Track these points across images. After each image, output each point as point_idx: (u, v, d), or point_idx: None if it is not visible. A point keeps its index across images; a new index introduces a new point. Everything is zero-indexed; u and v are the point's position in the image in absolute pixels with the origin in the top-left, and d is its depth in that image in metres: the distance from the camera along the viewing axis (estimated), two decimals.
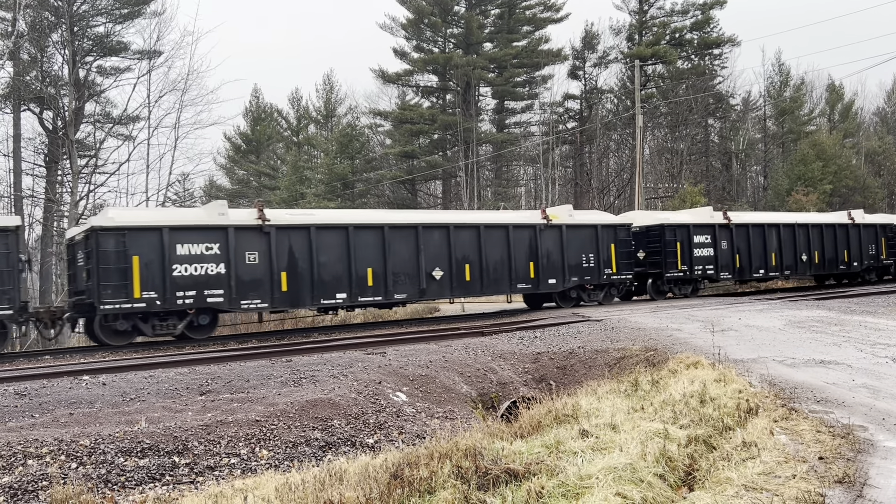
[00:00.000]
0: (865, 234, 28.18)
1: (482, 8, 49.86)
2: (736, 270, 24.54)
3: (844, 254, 27.41)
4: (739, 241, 24.65)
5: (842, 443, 5.86)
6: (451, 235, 18.92)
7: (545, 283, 20.51)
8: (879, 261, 28.57)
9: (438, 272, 18.59)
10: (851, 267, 27.68)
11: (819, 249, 26.67)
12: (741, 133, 51.79)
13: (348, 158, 47.13)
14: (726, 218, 24.39)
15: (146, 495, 6.03)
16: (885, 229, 29.05)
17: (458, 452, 5.59)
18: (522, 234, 20.28)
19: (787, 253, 25.73)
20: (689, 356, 9.95)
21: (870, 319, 14.58)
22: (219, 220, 16.13)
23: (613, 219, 23.14)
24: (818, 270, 27.04)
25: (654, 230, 23.24)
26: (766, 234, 25.23)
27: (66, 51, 32.36)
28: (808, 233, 26.45)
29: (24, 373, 11.09)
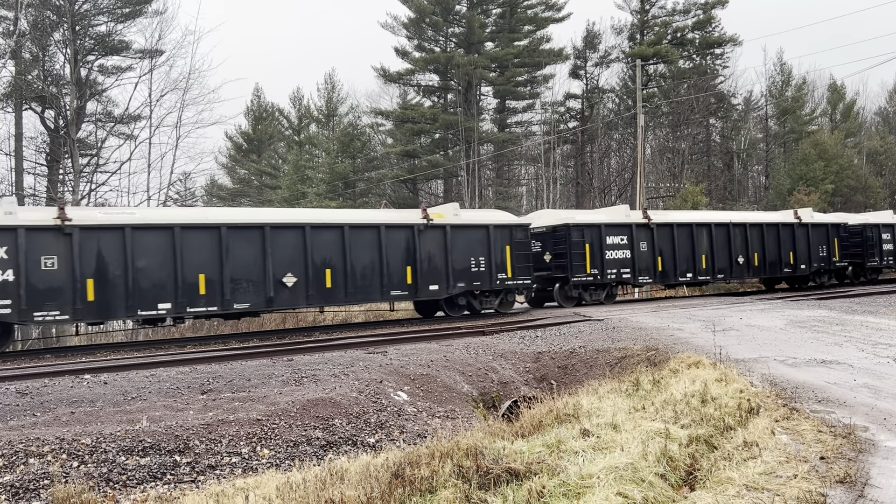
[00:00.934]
0: (815, 234, 26.61)
1: (483, 7, 49.84)
2: (658, 274, 22.76)
3: (790, 255, 25.90)
4: (662, 242, 22.95)
5: (843, 443, 5.86)
6: (307, 237, 16.88)
7: (425, 289, 18.49)
8: (832, 263, 26.94)
9: (291, 278, 16.59)
10: (798, 270, 26.13)
11: (759, 251, 25.15)
12: (743, 133, 51.76)
13: (350, 158, 47.13)
14: (646, 217, 22.80)
15: (147, 494, 6.04)
16: (839, 229, 27.51)
17: (460, 452, 5.59)
18: (397, 236, 18.24)
19: (720, 255, 24.07)
20: (690, 356, 9.96)
21: (871, 319, 14.57)
22: (5, 221, 14.12)
23: (509, 219, 21.01)
24: (759, 274, 25.53)
25: (560, 230, 21.46)
26: (695, 234, 23.55)
27: (67, 50, 32.38)
28: (746, 233, 24.82)
29: (25, 371, 11.10)
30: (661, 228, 22.99)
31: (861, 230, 28.37)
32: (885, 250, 29.20)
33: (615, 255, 22.08)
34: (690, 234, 23.61)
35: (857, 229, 28.38)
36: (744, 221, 25.24)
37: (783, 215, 27.21)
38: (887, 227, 29.37)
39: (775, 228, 25.68)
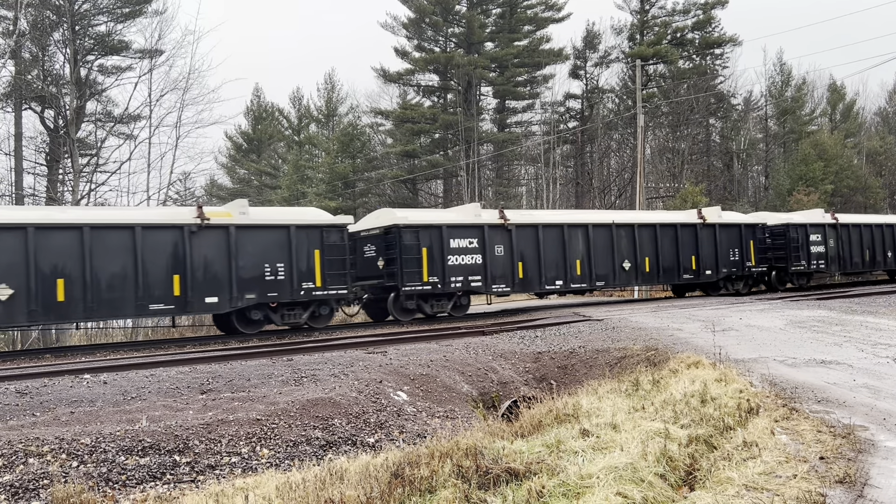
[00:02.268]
0: (724, 236, 24.28)
1: (483, 7, 49.84)
2: (518, 282, 19.81)
3: (692, 260, 23.39)
4: (524, 245, 20.03)
5: (843, 443, 5.86)
6: (30, 241, 14.21)
7: (199, 302, 15.89)
8: (745, 268, 24.63)
9: (5, 290, 13.99)
10: (702, 276, 23.62)
11: (652, 255, 22.51)
12: (742, 133, 51.77)
13: (349, 158, 47.12)
14: (502, 217, 19.77)
15: (147, 494, 6.04)
16: (755, 230, 25.24)
17: (459, 452, 5.59)
18: (160, 239, 15.59)
19: (600, 260, 21.33)
20: (689, 356, 9.96)
21: (871, 319, 14.57)
22: None
23: (319, 218, 18.21)
24: (651, 280, 23.01)
25: (392, 233, 18.58)
26: (567, 236, 20.73)
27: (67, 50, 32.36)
28: (635, 235, 22.20)
29: (25, 371, 11.10)
30: (521, 230, 20.05)
31: (784, 231, 26.00)
32: (815, 253, 26.63)
33: (461, 260, 19.07)
34: (561, 237, 20.71)
35: (780, 230, 26.09)
36: (631, 222, 22.55)
37: (685, 215, 24.83)
38: (817, 228, 26.90)
39: (672, 229, 23.02)
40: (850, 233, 27.92)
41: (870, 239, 28.60)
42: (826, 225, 27.20)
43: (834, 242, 27.32)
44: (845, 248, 27.69)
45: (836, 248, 27.40)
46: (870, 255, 28.60)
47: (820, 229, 26.95)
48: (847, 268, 28.01)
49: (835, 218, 27.65)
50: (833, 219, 27.60)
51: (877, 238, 28.80)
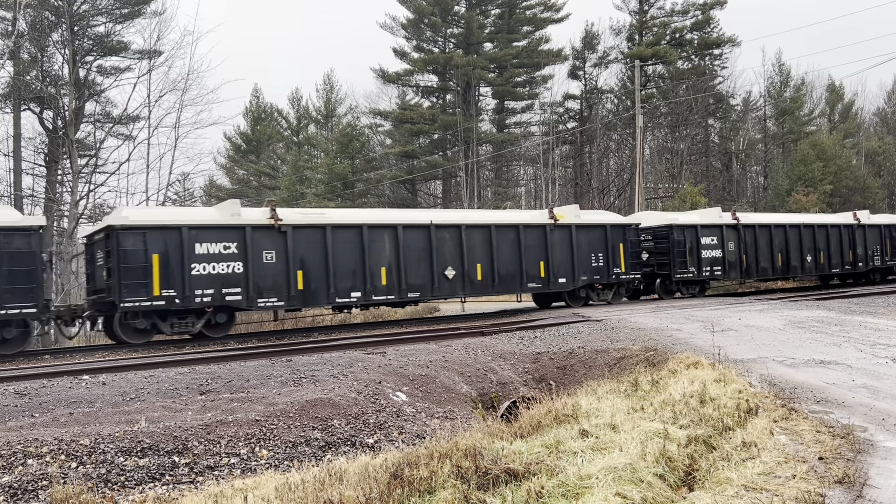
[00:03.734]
0: (584, 238, 21.10)
1: (482, 8, 49.88)
2: (294, 294, 16.62)
3: (540, 266, 20.11)
4: (305, 250, 16.80)
5: (842, 443, 5.86)
6: None
7: None
8: (613, 275, 21.68)
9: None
10: (554, 284, 20.46)
11: (486, 261, 19.33)
12: (741, 133, 51.82)
13: (348, 158, 47.15)
14: (273, 217, 16.48)
15: (146, 495, 6.03)
16: (625, 232, 21.98)
17: (458, 452, 5.59)
18: None
19: (413, 267, 18.09)
20: (689, 356, 9.96)
21: (870, 320, 14.58)
22: None
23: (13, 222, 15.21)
24: (484, 291, 19.68)
25: (111, 236, 15.30)
26: (368, 239, 17.44)
27: (66, 50, 32.36)
28: (462, 238, 18.86)
29: (24, 372, 11.09)
30: (301, 232, 16.77)
31: (667, 232, 23.12)
32: (708, 258, 23.59)
33: (211, 269, 15.83)
34: (360, 240, 17.37)
35: (663, 232, 23.25)
36: (456, 222, 19.29)
37: (531, 215, 21.49)
38: (711, 229, 23.87)
39: (513, 231, 19.75)
40: (758, 235, 24.85)
41: (783, 241, 25.55)
42: (724, 226, 24.09)
43: (735, 246, 24.19)
44: (750, 252, 24.58)
45: (737, 253, 24.26)
46: (783, 260, 25.50)
47: (715, 231, 23.88)
48: (753, 274, 24.90)
49: (736, 218, 24.63)
50: (734, 219, 24.56)
51: (792, 240, 25.80)
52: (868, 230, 28.51)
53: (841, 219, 28.54)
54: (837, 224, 27.70)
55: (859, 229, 28.20)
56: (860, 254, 28.09)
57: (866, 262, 28.30)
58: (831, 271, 27.43)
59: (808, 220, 27.74)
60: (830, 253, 27.04)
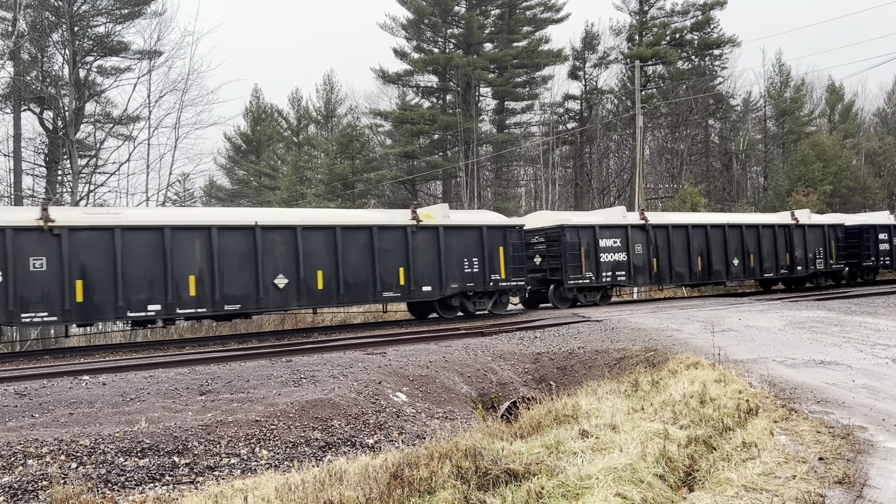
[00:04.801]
0: (455, 241, 18.80)
1: (482, 8, 49.87)
2: (71, 307, 14.25)
3: (399, 274, 17.93)
4: (88, 257, 14.51)
5: (842, 443, 5.86)
6: None
7: None
8: (490, 282, 19.15)
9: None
10: (417, 293, 18.25)
11: (330, 267, 17.06)
12: (741, 133, 51.84)
13: (349, 159, 47.14)
14: (45, 219, 14.19)
15: (146, 495, 6.03)
16: (505, 234, 19.56)
17: (458, 453, 5.59)
18: None
19: (234, 275, 15.84)
20: (689, 356, 9.96)
21: (870, 320, 14.58)
22: None
23: None
24: (326, 300, 17.20)
25: None
26: (171, 243, 15.20)
27: (66, 51, 32.37)
28: (337, 241, 17.04)
29: (24, 373, 11.09)
30: (80, 235, 14.51)
31: (559, 235, 20.67)
32: (608, 262, 21.26)
33: None
34: (161, 244, 15.16)
35: (554, 234, 20.87)
36: (309, 224, 17.10)
37: (390, 215, 19.09)
38: (612, 230, 21.47)
39: (366, 233, 17.59)
40: (672, 236, 22.70)
41: (703, 243, 23.49)
42: (629, 227, 21.90)
43: (644, 249, 22.02)
44: (662, 256, 22.45)
45: (646, 256, 22.10)
46: (704, 264, 23.46)
47: (618, 232, 21.66)
48: (666, 279, 22.81)
49: (644, 218, 22.47)
50: (641, 219, 22.38)
51: (716, 242, 23.77)
52: (809, 231, 26.37)
53: (777, 218, 26.75)
54: (771, 224, 25.68)
55: (798, 230, 26.06)
56: (799, 256, 25.93)
57: (806, 266, 26.13)
58: (763, 276, 25.20)
59: (734, 219, 25.58)
60: (762, 256, 24.92)
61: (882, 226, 28.86)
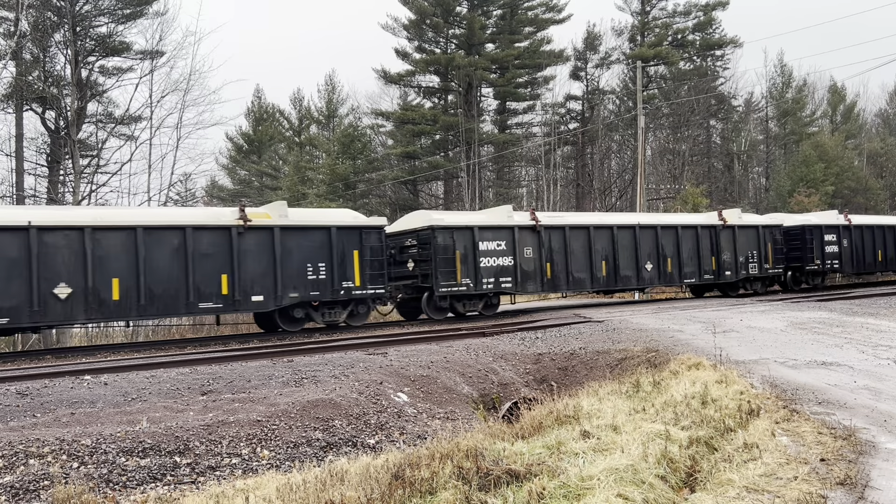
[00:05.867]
0: (297, 243, 16.97)
1: (484, 9, 49.87)
2: None
3: (222, 282, 16.12)
4: None
5: (843, 444, 5.85)
6: None
7: None
8: (341, 290, 17.31)
9: None
10: (239, 304, 16.31)
11: (131, 277, 15.07)
12: (743, 134, 51.83)
13: (350, 159, 47.13)
14: None
15: (147, 495, 6.04)
16: (363, 236, 17.67)
17: (460, 453, 5.59)
18: None
19: None
20: (690, 357, 9.95)
21: (871, 321, 14.56)
22: None
23: None
24: (141, 314, 15.35)
25: None
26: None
27: (68, 51, 32.41)
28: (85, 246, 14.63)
29: (25, 372, 11.10)
30: None
31: (428, 237, 18.76)
32: (490, 267, 19.14)
33: None
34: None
35: (426, 237, 18.90)
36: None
37: (213, 214, 17.37)
38: (497, 232, 19.42)
39: (178, 235, 15.64)
40: (569, 239, 20.64)
41: (609, 246, 21.42)
42: (517, 228, 19.64)
43: (535, 252, 19.93)
44: (558, 260, 20.47)
45: (538, 261, 19.98)
46: (609, 268, 21.37)
47: (504, 234, 19.44)
48: (562, 285, 20.74)
49: (535, 219, 20.29)
50: (532, 219, 20.20)
51: (624, 245, 21.72)
52: (739, 232, 24.37)
53: (701, 219, 24.57)
54: (692, 225, 23.54)
55: (726, 231, 24.04)
56: (727, 260, 23.93)
57: (736, 271, 24.17)
58: (683, 281, 23.10)
59: (647, 220, 23.33)
60: (682, 260, 22.84)
61: (829, 226, 26.93)
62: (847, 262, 27.49)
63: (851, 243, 27.68)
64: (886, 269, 29.74)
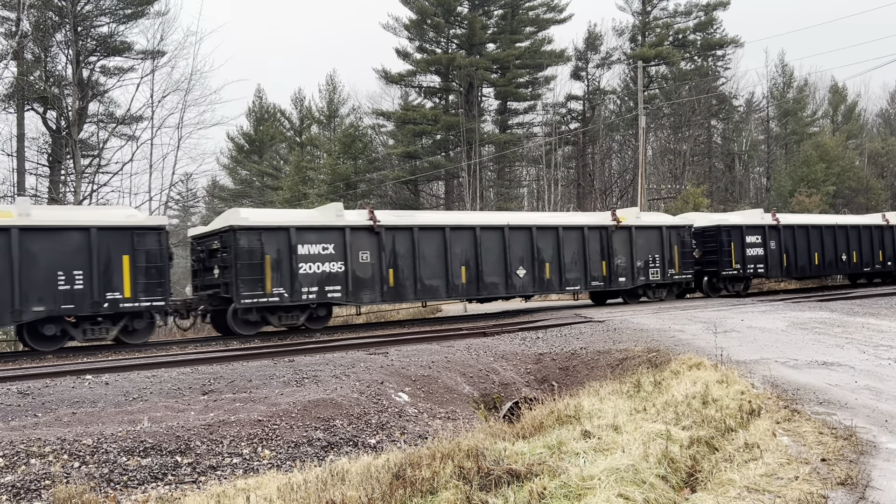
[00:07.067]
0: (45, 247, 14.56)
1: (485, 8, 49.88)
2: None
3: None
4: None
5: (844, 445, 5.85)
6: None
7: None
8: (110, 305, 15.00)
9: None
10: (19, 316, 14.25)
11: None
12: (744, 134, 51.81)
13: (351, 159, 47.15)
14: None
15: (148, 495, 6.04)
16: (134, 238, 15.32)
17: (461, 453, 5.59)
18: None
19: None
20: (691, 357, 9.95)
21: (872, 321, 14.55)
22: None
23: None
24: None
25: None
26: None
27: (69, 51, 32.44)
28: None
29: (27, 372, 11.11)
30: None
31: (230, 240, 16.36)
32: (309, 274, 16.67)
33: None
34: None
35: (228, 239, 16.59)
36: None
37: None
38: (321, 234, 17.04)
39: None
40: (419, 241, 18.17)
41: (471, 249, 18.93)
42: (349, 229, 17.38)
43: (373, 257, 17.65)
44: (403, 265, 18.11)
45: (376, 266, 17.62)
46: (471, 274, 18.94)
47: (330, 236, 17.15)
48: (408, 295, 18.37)
49: (373, 218, 17.90)
50: (370, 219, 17.79)
51: (488, 247, 19.22)
52: (637, 234, 21.67)
53: (590, 219, 21.99)
54: (577, 226, 20.86)
55: (620, 233, 21.41)
56: (622, 265, 21.36)
57: (633, 277, 21.54)
58: (565, 289, 20.61)
59: (518, 220, 20.61)
60: (564, 265, 20.33)
61: (751, 227, 24.30)
62: (775, 266, 24.81)
63: (781, 245, 24.99)
64: (825, 272, 26.95)
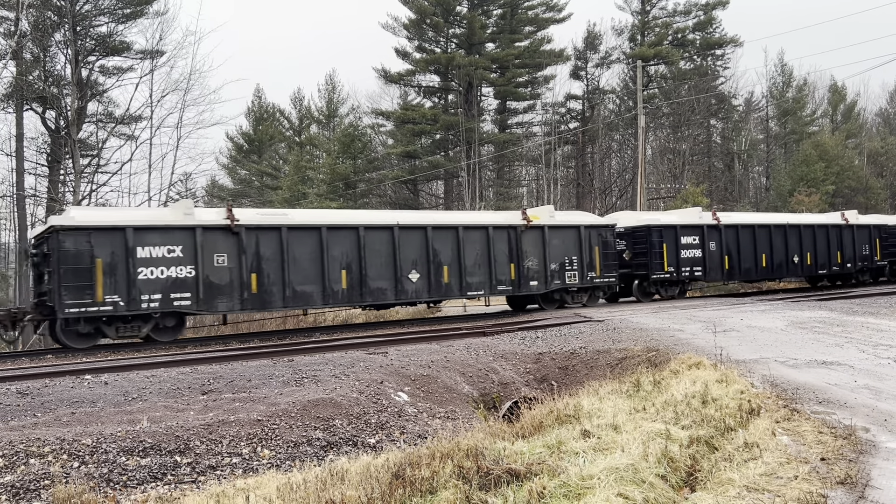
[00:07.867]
0: None
1: (484, 8, 49.87)
2: None
3: None
4: None
5: (844, 444, 5.85)
6: None
7: None
8: None
9: None
10: None
11: None
12: (743, 134, 51.83)
13: (350, 158, 47.14)
14: None
15: (148, 494, 6.04)
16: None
17: (460, 452, 5.59)
18: None
19: None
20: (690, 357, 9.94)
21: (872, 320, 14.55)
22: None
23: None
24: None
25: None
26: None
27: (68, 50, 32.43)
28: None
29: (26, 372, 11.10)
30: None
31: (56, 245, 14.36)
32: (153, 280, 14.87)
33: None
34: None
35: (47, 242, 14.97)
36: None
37: None
38: (164, 235, 15.15)
39: None
40: (289, 243, 16.42)
41: (353, 251, 17.11)
42: (200, 228, 15.54)
43: (231, 260, 15.85)
44: (268, 269, 16.27)
45: (236, 270, 15.77)
46: (352, 280, 17.07)
47: (176, 237, 15.30)
48: (275, 302, 16.39)
49: (231, 217, 16.08)
50: (227, 218, 16.03)
51: (375, 249, 17.42)
52: (551, 234, 19.83)
53: (496, 218, 20.00)
54: (480, 225, 19.02)
55: (531, 233, 19.55)
56: (533, 268, 19.62)
57: (546, 281, 19.78)
58: (466, 294, 18.86)
59: (410, 219, 18.64)
60: (465, 268, 18.53)
61: (687, 226, 22.53)
62: (714, 268, 23.00)
63: (721, 246, 23.18)
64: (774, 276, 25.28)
